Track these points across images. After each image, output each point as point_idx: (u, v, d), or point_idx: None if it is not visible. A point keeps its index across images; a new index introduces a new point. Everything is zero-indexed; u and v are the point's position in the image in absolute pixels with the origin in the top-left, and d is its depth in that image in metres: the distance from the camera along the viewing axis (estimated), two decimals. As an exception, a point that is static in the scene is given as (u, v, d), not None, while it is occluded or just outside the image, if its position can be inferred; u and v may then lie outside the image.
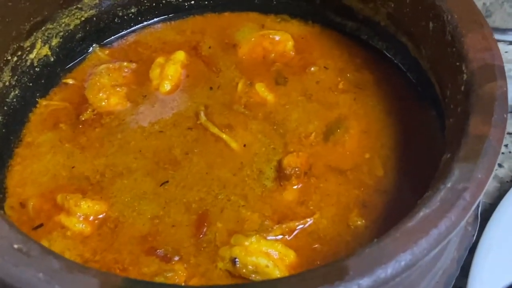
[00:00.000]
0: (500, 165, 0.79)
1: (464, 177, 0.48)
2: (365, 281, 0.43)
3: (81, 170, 0.67)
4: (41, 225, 0.63)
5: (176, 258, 0.59)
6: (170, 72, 0.73)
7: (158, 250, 0.60)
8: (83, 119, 0.71)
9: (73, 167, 0.67)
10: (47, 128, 0.71)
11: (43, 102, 0.73)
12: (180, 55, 0.75)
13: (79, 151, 0.68)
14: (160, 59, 0.75)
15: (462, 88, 0.55)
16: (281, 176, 0.64)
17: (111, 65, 0.75)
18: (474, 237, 0.61)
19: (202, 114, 0.70)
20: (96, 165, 0.67)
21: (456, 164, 0.49)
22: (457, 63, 0.57)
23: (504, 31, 0.93)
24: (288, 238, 0.60)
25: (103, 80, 0.73)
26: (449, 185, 0.48)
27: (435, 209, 0.47)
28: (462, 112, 0.54)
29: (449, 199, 0.47)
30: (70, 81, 0.75)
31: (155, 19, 0.81)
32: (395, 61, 0.75)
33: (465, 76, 0.56)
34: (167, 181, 0.65)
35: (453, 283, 0.58)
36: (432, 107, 0.69)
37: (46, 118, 0.72)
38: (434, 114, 0.68)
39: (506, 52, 0.92)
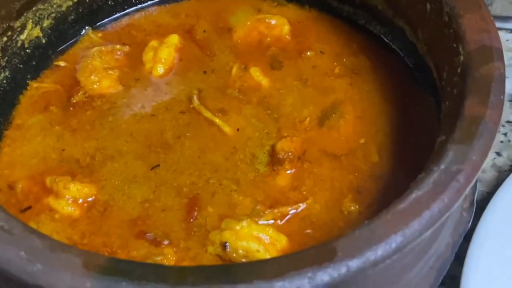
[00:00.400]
0: (498, 154, 0.78)
1: (458, 159, 0.47)
2: (354, 262, 0.42)
3: (71, 153, 0.66)
4: (29, 208, 0.61)
5: (166, 242, 0.58)
6: (163, 55, 0.72)
7: (147, 234, 0.59)
8: (74, 101, 0.69)
9: (63, 150, 0.66)
10: (37, 110, 0.70)
11: (34, 84, 0.72)
12: (174, 39, 0.74)
13: (69, 133, 0.67)
14: (153, 42, 0.74)
15: (459, 70, 0.54)
16: (274, 160, 0.63)
17: (103, 48, 0.73)
18: (470, 223, 0.60)
19: (195, 98, 0.69)
20: (86, 148, 0.66)
21: (450, 145, 0.48)
22: (454, 45, 0.56)
23: (505, 19, 0.92)
24: (280, 223, 0.59)
25: (95, 63, 0.72)
26: (442, 166, 0.47)
27: (428, 191, 0.46)
28: (458, 94, 0.53)
29: (443, 181, 0.46)
30: (62, 64, 0.74)
31: (149, 2, 0.80)
32: (393, 46, 0.73)
33: (461, 57, 0.54)
34: (158, 165, 0.64)
35: (447, 268, 0.56)
36: (429, 93, 0.67)
37: (36, 100, 0.71)
38: (431, 100, 0.67)
39: (507, 40, 0.90)
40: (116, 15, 0.79)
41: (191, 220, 0.60)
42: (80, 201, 0.61)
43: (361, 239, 0.43)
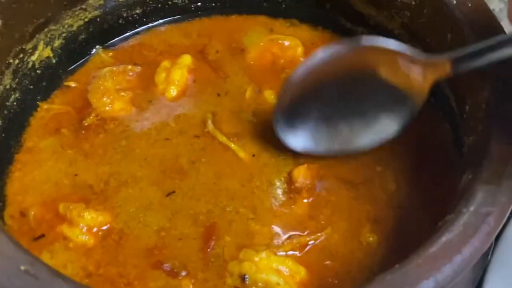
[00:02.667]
0: None
1: (487, 200, 0.47)
2: (387, 310, 0.42)
3: (84, 178, 0.65)
4: (42, 236, 0.60)
5: (183, 273, 0.58)
6: (176, 77, 0.71)
7: (164, 264, 0.58)
8: (86, 124, 0.68)
9: (75, 175, 0.65)
10: (48, 133, 0.69)
11: (44, 106, 0.71)
12: (187, 59, 0.73)
13: (82, 158, 0.66)
14: (165, 63, 0.73)
15: (483, 105, 0.54)
16: (292, 189, 0.63)
17: (115, 68, 0.72)
18: (490, 257, 0.59)
19: (209, 122, 0.68)
20: (99, 173, 0.65)
21: (479, 186, 0.48)
22: (477, 79, 0.56)
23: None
24: (299, 254, 0.59)
25: (107, 84, 0.71)
26: (472, 208, 0.47)
27: (458, 234, 0.46)
28: (483, 130, 0.53)
29: (473, 223, 0.46)
30: (73, 84, 0.73)
31: (161, 21, 0.79)
32: (407, 70, 0.73)
33: (486, 92, 0.54)
34: (174, 191, 0.63)
35: (468, 303, 0.56)
36: (445, 119, 0.67)
37: (47, 122, 0.70)
38: (447, 127, 0.67)
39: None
40: (127, 34, 0.77)
41: (208, 250, 0.59)
42: (95, 229, 0.61)
43: (393, 285, 0.43)
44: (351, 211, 0.62)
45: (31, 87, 0.70)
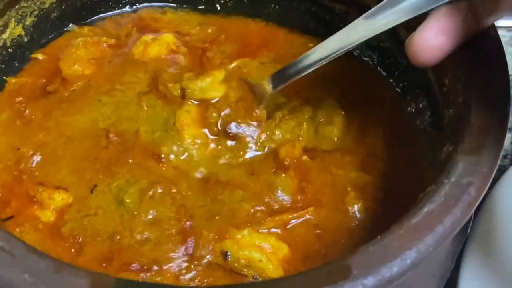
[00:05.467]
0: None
1: (468, 171, 0.47)
2: (370, 280, 0.41)
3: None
4: (11, 217, 0.58)
5: (155, 268, 0.55)
6: (153, 51, 0.69)
7: (132, 265, 0.55)
8: (49, 90, 0.66)
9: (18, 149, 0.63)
10: (8, 105, 0.66)
11: (12, 80, 0.68)
12: (168, 38, 0.71)
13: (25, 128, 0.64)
14: (146, 37, 0.71)
15: (463, 77, 0.54)
16: (279, 166, 0.62)
17: (89, 39, 0.70)
18: (469, 230, 0.60)
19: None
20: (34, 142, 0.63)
21: (460, 157, 0.48)
22: (457, 51, 0.55)
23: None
24: (281, 232, 0.58)
25: (80, 52, 0.68)
26: (453, 179, 0.46)
27: (440, 204, 0.45)
28: (463, 102, 0.52)
29: (454, 194, 0.46)
30: (40, 57, 0.70)
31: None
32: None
33: (465, 64, 0.54)
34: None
35: (448, 276, 0.56)
36: (424, 95, 0.66)
37: (12, 96, 0.67)
38: (425, 102, 0.66)
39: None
40: (101, 15, 0.76)
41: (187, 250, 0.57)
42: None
43: (376, 255, 0.43)
44: (335, 181, 0.61)
45: (3, 66, 0.68)
